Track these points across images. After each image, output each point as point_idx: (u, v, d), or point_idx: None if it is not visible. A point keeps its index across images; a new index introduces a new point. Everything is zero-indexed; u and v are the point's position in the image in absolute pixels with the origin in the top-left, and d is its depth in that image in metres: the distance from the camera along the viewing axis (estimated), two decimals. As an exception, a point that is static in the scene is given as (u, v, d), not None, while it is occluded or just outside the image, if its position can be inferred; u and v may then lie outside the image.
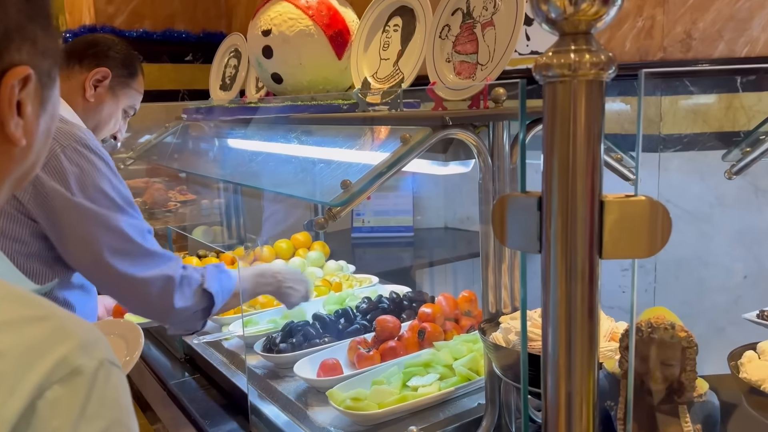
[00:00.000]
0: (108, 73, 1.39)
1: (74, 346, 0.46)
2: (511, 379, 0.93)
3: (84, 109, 1.38)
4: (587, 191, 0.51)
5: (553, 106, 0.51)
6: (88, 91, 1.37)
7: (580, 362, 0.53)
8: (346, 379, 1.21)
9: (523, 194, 0.55)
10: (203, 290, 1.23)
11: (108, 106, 1.41)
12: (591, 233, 0.51)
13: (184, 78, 3.42)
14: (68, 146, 1.16)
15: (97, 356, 0.47)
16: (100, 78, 1.38)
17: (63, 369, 0.45)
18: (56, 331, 0.47)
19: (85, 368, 0.46)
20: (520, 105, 0.54)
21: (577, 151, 0.51)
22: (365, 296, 1.61)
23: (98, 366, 0.47)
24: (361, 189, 0.93)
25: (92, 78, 1.37)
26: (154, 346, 1.76)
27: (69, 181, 1.14)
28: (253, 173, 1.39)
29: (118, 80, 1.41)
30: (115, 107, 1.43)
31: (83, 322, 0.50)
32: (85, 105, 1.38)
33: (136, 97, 1.49)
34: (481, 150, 1.02)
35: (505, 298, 1.08)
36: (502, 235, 0.57)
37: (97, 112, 1.40)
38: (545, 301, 0.54)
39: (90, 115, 1.39)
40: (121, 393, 0.49)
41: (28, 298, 0.49)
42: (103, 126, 1.43)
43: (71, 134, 1.18)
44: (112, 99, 1.42)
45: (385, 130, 1.13)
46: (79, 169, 1.15)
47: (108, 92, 1.40)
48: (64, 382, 0.45)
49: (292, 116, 1.40)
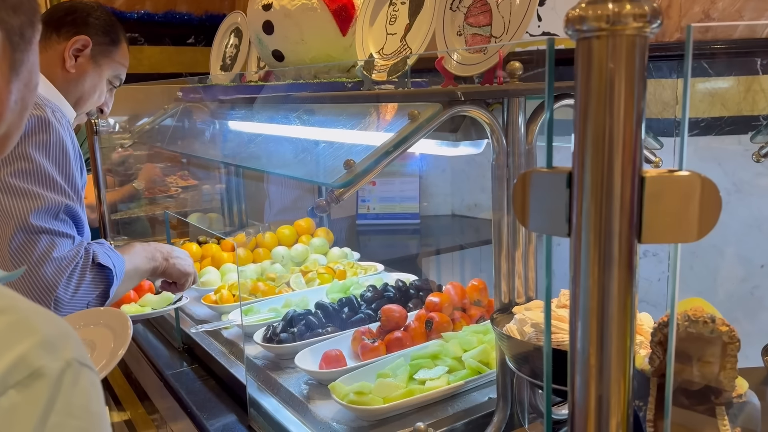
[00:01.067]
0: (88, 41, 1.29)
1: (35, 344, 0.39)
2: (527, 373, 0.87)
3: (65, 82, 1.29)
4: (626, 165, 0.44)
5: (587, 66, 0.44)
6: (68, 62, 1.28)
7: (615, 361, 0.47)
8: (350, 372, 1.15)
9: (549, 170, 0.48)
10: (97, 265, 1.12)
11: (90, 77, 1.33)
12: (630, 214, 0.45)
13: (186, 61, 3.35)
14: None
15: (64, 356, 0.40)
16: (80, 47, 1.29)
17: (21, 371, 0.38)
18: (14, 325, 0.40)
19: (48, 370, 0.39)
20: (548, 67, 0.47)
21: (614, 119, 0.44)
22: (370, 284, 1.55)
23: (64, 367, 0.40)
24: (366, 169, 0.86)
25: (71, 47, 1.28)
26: (152, 335, 1.71)
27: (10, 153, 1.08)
28: (252, 155, 1.32)
29: (99, 48, 1.32)
30: (98, 78, 1.34)
31: (51, 315, 0.43)
32: (65, 77, 1.29)
33: (121, 66, 1.40)
34: (495, 128, 0.95)
35: (518, 287, 1.02)
36: (523, 217, 0.50)
37: (79, 84, 1.31)
38: (574, 292, 0.47)
39: (71, 87, 1.30)
40: (92, 399, 0.42)
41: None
42: (87, 99, 1.35)
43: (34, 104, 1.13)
44: (94, 69, 1.32)
45: (391, 108, 1.06)
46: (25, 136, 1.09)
47: (89, 62, 1.31)
48: (22, 387, 0.38)
49: (294, 95, 1.33)
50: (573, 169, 0.46)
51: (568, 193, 0.46)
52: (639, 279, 0.48)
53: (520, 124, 0.97)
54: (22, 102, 0.56)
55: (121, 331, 0.94)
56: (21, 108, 0.57)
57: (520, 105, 0.97)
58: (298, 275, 1.73)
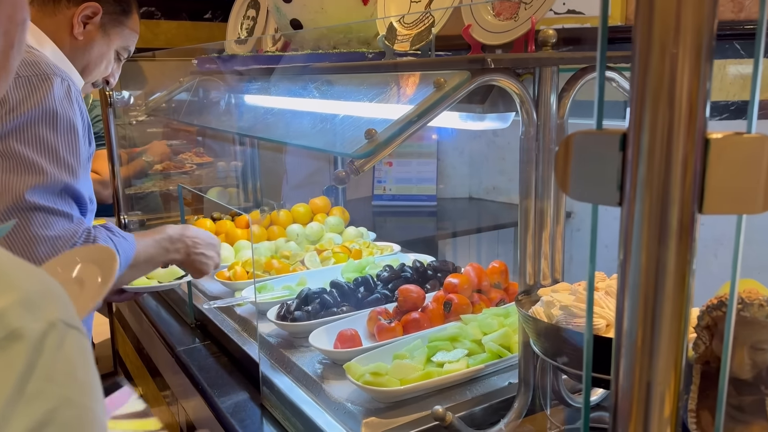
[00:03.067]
0: (98, 9, 1.25)
1: (14, 302, 0.35)
2: (553, 358, 0.82)
3: (72, 49, 1.25)
4: (689, 126, 0.39)
5: (648, 12, 0.39)
6: (77, 28, 1.24)
7: (667, 344, 0.42)
8: (366, 352, 1.11)
9: (600, 131, 0.43)
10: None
11: (98, 46, 1.28)
12: (692, 180, 0.40)
13: (202, 36, 3.30)
14: (27, 77, 1.07)
15: (47, 316, 0.36)
16: (90, 14, 1.25)
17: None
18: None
19: (28, 331, 0.35)
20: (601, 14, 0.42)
21: (677, 75, 0.39)
22: (387, 264, 1.51)
23: (47, 329, 0.35)
24: (388, 139, 0.81)
25: (81, 14, 1.23)
26: (164, 311, 1.69)
27: (9, 108, 1.05)
28: (269, 126, 1.28)
29: (110, 17, 1.28)
30: (106, 48, 1.30)
31: (34, 270, 0.38)
32: (73, 44, 1.25)
33: (131, 37, 1.35)
34: (525, 100, 0.90)
35: (544, 269, 0.97)
36: (565, 184, 0.45)
37: (86, 52, 1.27)
38: (624, 268, 0.43)
39: (78, 55, 1.26)
40: (78, 365, 0.37)
41: None
42: (93, 68, 1.31)
43: (38, 65, 1.09)
44: (103, 38, 1.28)
45: (415, 78, 1.01)
46: (24, 102, 1.05)
47: (99, 30, 1.27)
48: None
49: (313, 66, 1.28)
50: (628, 130, 0.41)
51: (621, 157, 0.41)
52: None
53: (552, 97, 0.92)
54: (5, 37, 0.51)
55: (108, 266, 0.88)
56: (5, 45, 0.51)
57: (553, 76, 0.91)
58: (312, 253, 1.70)
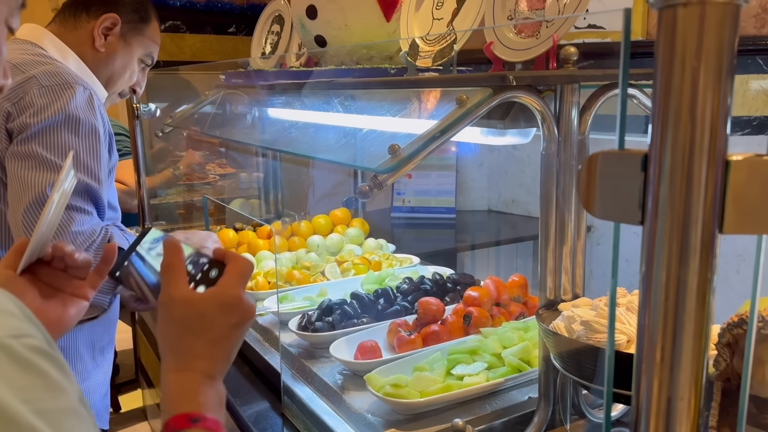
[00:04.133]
0: (117, 20, 1.29)
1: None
2: (573, 373, 0.83)
3: (95, 61, 1.29)
4: (710, 147, 0.40)
5: (670, 38, 0.40)
6: (98, 41, 1.28)
7: (689, 361, 0.43)
8: (386, 363, 1.12)
9: (622, 151, 0.44)
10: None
11: (121, 56, 1.32)
12: (712, 200, 0.41)
13: (226, 49, 3.37)
14: (49, 87, 1.11)
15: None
16: (110, 25, 1.29)
17: None
18: None
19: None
20: (624, 37, 0.44)
21: (699, 96, 0.40)
22: (406, 276, 1.52)
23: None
24: (411, 154, 0.83)
25: (101, 26, 1.28)
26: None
27: (35, 116, 1.09)
28: (294, 140, 1.31)
29: (129, 27, 1.32)
30: (128, 57, 1.34)
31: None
32: (95, 56, 1.29)
33: (152, 44, 1.39)
34: (547, 116, 0.91)
35: (565, 284, 0.97)
36: (589, 203, 0.47)
37: (109, 63, 1.31)
38: (646, 285, 0.44)
39: (102, 66, 1.30)
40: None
41: None
42: (118, 78, 1.35)
43: (61, 75, 1.13)
44: (124, 48, 1.32)
45: (438, 94, 1.02)
46: (46, 109, 1.10)
47: (119, 40, 1.31)
48: None
49: (336, 81, 1.31)
50: (650, 151, 0.42)
51: (643, 177, 0.43)
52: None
53: (573, 113, 0.93)
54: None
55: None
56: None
57: (574, 93, 0.92)
58: (333, 265, 1.72)
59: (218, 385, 0.66)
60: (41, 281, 0.76)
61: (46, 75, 1.13)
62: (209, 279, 0.68)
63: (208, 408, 0.62)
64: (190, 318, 0.64)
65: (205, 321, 0.64)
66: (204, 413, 0.62)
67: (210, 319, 0.64)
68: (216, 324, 0.64)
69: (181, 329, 0.64)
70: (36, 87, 1.11)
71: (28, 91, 1.11)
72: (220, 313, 0.64)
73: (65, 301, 0.77)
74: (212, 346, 0.64)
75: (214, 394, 0.64)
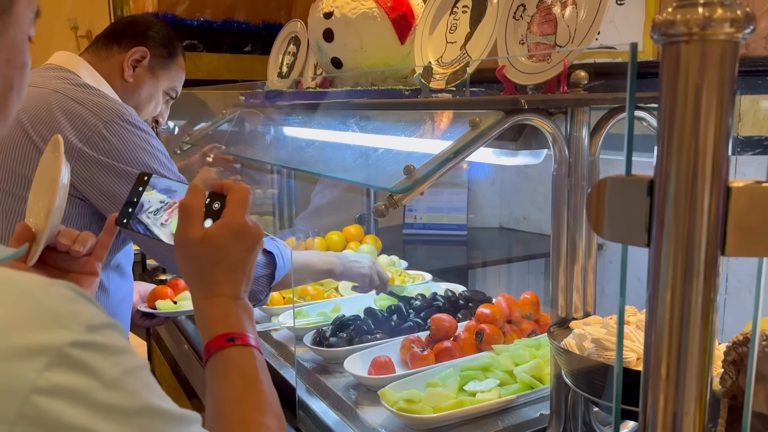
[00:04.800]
0: (146, 53, 1.36)
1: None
2: (584, 390, 0.85)
3: (123, 90, 1.36)
4: (712, 175, 0.43)
5: (673, 72, 0.43)
6: (127, 72, 1.35)
7: (693, 378, 0.45)
8: (399, 379, 1.14)
9: (629, 177, 0.47)
10: (263, 252, 1.18)
11: (147, 87, 1.39)
12: (714, 225, 0.43)
13: (242, 68, 3.42)
14: (111, 121, 1.16)
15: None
16: (139, 58, 1.36)
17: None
18: None
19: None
20: (630, 72, 0.46)
21: (701, 127, 0.43)
22: (419, 293, 1.54)
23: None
24: (426, 175, 0.86)
25: (130, 58, 1.35)
26: (202, 334, 1.74)
27: (114, 154, 1.14)
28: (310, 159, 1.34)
29: (157, 60, 1.39)
30: (154, 88, 1.41)
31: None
32: (123, 86, 1.36)
33: (177, 78, 1.46)
34: (558, 138, 0.94)
35: (576, 302, 0.99)
36: (598, 225, 0.49)
37: (136, 93, 1.38)
38: (652, 304, 0.46)
39: (129, 95, 1.37)
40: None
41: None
42: (143, 107, 1.41)
43: (113, 109, 1.19)
44: (151, 79, 1.39)
45: (451, 116, 1.05)
46: (123, 143, 1.15)
47: (147, 72, 1.38)
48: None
49: (352, 102, 1.34)
50: (655, 177, 0.45)
51: (649, 202, 0.45)
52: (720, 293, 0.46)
53: (584, 135, 0.95)
54: (3, 80, 0.53)
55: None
56: (2, 87, 0.53)
57: (584, 115, 0.95)
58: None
59: (244, 303, 0.74)
60: (49, 265, 0.77)
61: (96, 107, 1.20)
62: (213, 211, 0.74)
63: (240, 326, 0.71)
64: (208, 252, 0.71)
65: (221, 252, 0.71)
66: (238, 331, 0.70)
67: (226, 249, 0.71)
68: (232, 252, 0.72)
69: (203, 264, 0.72)
70: (101, 124, 1.17)
71: (97, 131, 1.16)
72: (233, 241, 0.72)
73: (78, 280, 0.79)
74: (232, 272, 0.72)
75: (243, 311, 0.72)
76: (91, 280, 0.80)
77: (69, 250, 0.76)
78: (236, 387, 0.68)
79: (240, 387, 0.68)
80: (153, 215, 0.80)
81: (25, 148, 1.16)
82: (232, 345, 0.69)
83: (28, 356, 0.38)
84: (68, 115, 1.16)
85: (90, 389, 0.39)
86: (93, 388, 0.39)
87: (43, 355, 0.38)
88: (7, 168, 1.17)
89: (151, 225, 0.80)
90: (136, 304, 1.51)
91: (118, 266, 1.29)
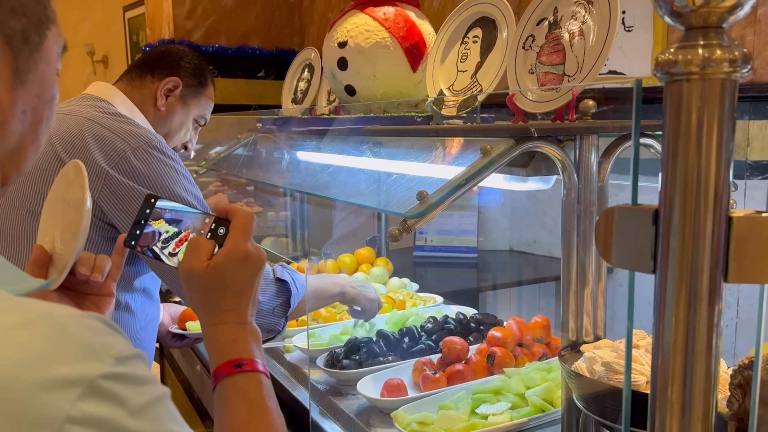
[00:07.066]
0: (179, 83, 1.41)
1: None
2: (595, 413, 0.86)
3: (155, 118, 1.41)
4: (714, 205, 0.45)
5: (676, 109, 0.46)
6: (159, 100, 1.40)
7: (698, 401, 0.47)
8: (412, 401, 1.15)
9: (635, 207, 0.49)
10: (276, 280, 1.20)
11: (178, 115, 1.44)
12: (717, 253, 0.45)
13: (256, 93, 3.50)
14: (138, 148, 1.20)
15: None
16: (171, 87, 1.41)
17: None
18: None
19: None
20: (634, 105, 0.49)
21: (703, 160, 0.45)
22: (430, 316, 1.56)
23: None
24: (439, 201, 0.89)
25: (163, 87, 1.40)
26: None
27: (140, 179, 1.17)
28: (324, 184, 1.37)
29: (188, 90, 1.44)
30: (185, 116, 1.46)
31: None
32: (156, 114, 1.41)
33: (207, 107, 1.51)
34: (567, 165, 0.96)
35: (587, 326, 1.01)
36: (606, 252, 0.51)
37: (167, 121, 1.43)
38: (658, 329, 0.48)
39: (161, 123, 1.42)
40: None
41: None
42: (174, 135, 1.46)
43: (142, 136, 1.22)
44: (182, 108, 1.44)
45: (463, 143, 1.08)
46: (149, 169, 1.18)
47: (179, 101, 1.43)
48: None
49: (365, 128, 1.38)
50: (660, 207, 0.47)
51: (654, 231, 0.47)
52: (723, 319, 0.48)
53: (593, 162, 0.98)
54: (33, 113, 0.54)
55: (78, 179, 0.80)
56: (33, 120, 0.54)
57: (593, 142, 0.98)
58: (358, 303, 1.76)
59: (251, 327, 0.75)
60: (68, 289, 0.79)
61: (129, 135, 1.24)
62: (218, 236, 0.77)
63: (247, 351, 0.72)
64: (213, 281, 0.73)
65: (226, 279, 0.74)
66: (245, 357, 0.72)
67: (230, 277, 0.74)
68: (236, 279, 0.74)
69: (209, 292, 0.74)
70: (129, 150, 1.21)
71: (124, 157, 1.20)
72: (237, 268, 0.74)
73: (96, 302, 0.81)
74: (238, 298, 0.74)
75: (250, 335, 0.74)
76: (108, 302, 0.83)
77: (88, 279, 0.78)
78: (242, 413, 0.69)
79: (246, 413, 0.69)
80: (162, 243, 0.82)
81: (56, 170, 1.20)
82: (239, 371, 0.71)
83: (63, 387, 0.39)
84: (98, 140, 1.20)
85: (118, 418, 0.41)
86: (121, 417, 0.41)
87: (77, 387, 0.40)
88: (36, 188, 1.21)
89: (159, 251, 0.82)
90: (167, 326, 1.54)
91: (145, 289, 1.32)
